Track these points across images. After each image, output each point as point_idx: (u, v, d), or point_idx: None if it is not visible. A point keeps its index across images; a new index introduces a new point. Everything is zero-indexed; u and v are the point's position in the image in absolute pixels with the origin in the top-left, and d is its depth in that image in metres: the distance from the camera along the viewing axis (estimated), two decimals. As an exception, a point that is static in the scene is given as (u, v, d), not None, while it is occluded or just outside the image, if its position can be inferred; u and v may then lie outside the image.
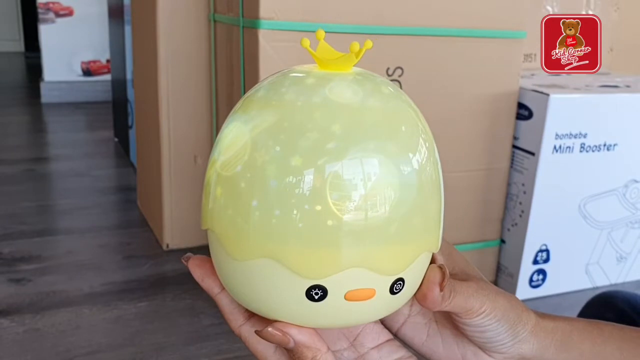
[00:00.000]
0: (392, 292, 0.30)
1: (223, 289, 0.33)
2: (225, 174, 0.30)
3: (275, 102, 0.30)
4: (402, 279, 0.30)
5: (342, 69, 0.31)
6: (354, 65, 0.31)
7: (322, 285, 0.29)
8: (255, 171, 0.28)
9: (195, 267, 0.33)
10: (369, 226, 0.28)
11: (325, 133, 0.28)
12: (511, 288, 1.24)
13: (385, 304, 0.31)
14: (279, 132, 0.29)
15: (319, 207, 0.27)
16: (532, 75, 1.34)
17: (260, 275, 0.29)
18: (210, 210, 0.31)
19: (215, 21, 1.20)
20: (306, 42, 0.30)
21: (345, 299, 0.29)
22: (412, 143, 0.30)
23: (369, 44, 0.30)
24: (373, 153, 0.28)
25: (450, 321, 0.36)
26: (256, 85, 0.32)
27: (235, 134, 0.30)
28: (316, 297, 0.29)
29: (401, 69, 1.06)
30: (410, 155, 0.29)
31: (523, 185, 1.19)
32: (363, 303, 0.30)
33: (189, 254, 0.34)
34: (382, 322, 0.37)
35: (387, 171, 0.28)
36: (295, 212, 0.28)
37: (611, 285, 1.32)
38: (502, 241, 1.27)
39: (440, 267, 0.32)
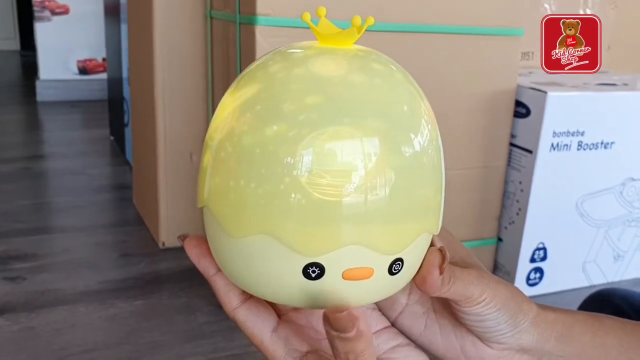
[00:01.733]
0: (390, 272, 0.30)
1: (219, 270, 0.32)
2: (212, 145, 0.30)
3: (260, 74, 0.30)
4: (401, 259, 0.30)
5: (344, 45, 0.30)
6: (355, 41, 0.31)
7: (319, 263, 0.28)
8: (235, 142, 0.28)
9: (192, 247, 0.32)
10: (357, 203, 0.27)
11: (300, 105, 0.27)
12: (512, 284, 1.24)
13: (384, 285, 0.30)
14: (256, 103, 0.28)
15: (288, 180, 0.27)
16: (530, 73, 1.34)
17: (257, 252, 0.29)
18: (205, 187, 0.30)
19: (211, 18, 1.20)
20: (307, 17, 0.30)
21: (343, 277, 0.28)
22: (402, 121, 0.29)
23: (370, 20, 0.29)
24: (349, 127, 0.27)
25: (448, 311, 0.36)
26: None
27: (222, 106, 0.30)
28: (313, 275, 0.28)
29: (398, 66, 1.06)
30: (401, 132, 0.28)
31: (520, 183, 1.19)
32: (361, 283, 0.29)
33: (185, 232, 0.33)
34: (379, 311, 0.37)
35: (361, 147, 0.27)
36: (276, 185, 0.27)
37: (608, 283, 1.32)
38: (499, 239, 1.27)
39: (441, 250, 0.32)
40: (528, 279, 1.24)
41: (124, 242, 1.42)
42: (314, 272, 0.28)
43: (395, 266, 0.30)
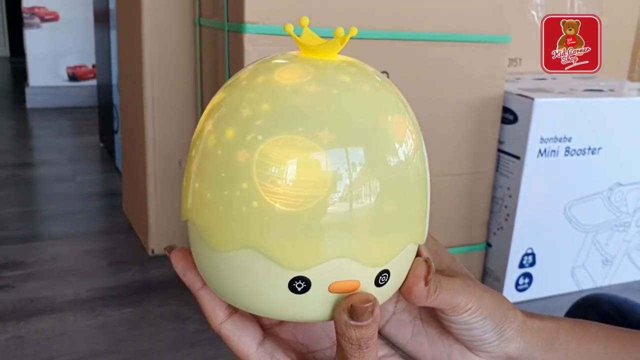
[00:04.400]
0: (377, 284, 0.30)
1: (205, 284, 0.32)
2: (189, 155, 0.30)
3: (231, 83, 0.30)
4: (387, 271, 0.30)
5: (327, 56, 0.30)
6: (339, 52, 0.31)
7: (305, 277, 0.28)
8: (200, 150, 0.29)
9: (178, 260, 0.32)
10: (338, 214, 0.27)
11: (255, 112, 0.28)
12: (497, 292, 1.25)
13: None
14: (217, 110, 0.29)
15: (245, 185, 0.27)
16: (517, 79, 1.35)
17: (242, 267, 0.29)
18: (188, 200, 0.30)
19: (200, 25, 1.20)
20: (290, 28, 0.30)
21: (330, 291, 0.28)
22: (356, 131, 0.28)
23: (354, 30, 0.29)
24: (292, 136, 0.27)
25: (435, 319, 0.36)
26: None
27: (202, 115, 0.31)
28: (299, 289, 0.28)
29: (387, 73, 1.06)
30: (358, 143, 0.28)
31: (508, 189, 1.20)
32: (348, 295, 0.29)
33: (172, 244, 0.33)
34: None
35: (318, 157, 0.27)
36: (241, 195, 0.27)
37: (597, 288, 1.33)
38: (488, 245, 1.27)
39: (426, 261, 0.32)
40: (517, 284, 1.24)
41: (113, 249, 1.41)
42: (299, 285, 0.28)
43: (381, 278, 0.30)
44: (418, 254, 0.33)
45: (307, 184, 0.27)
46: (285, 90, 0.28)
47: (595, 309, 0.63)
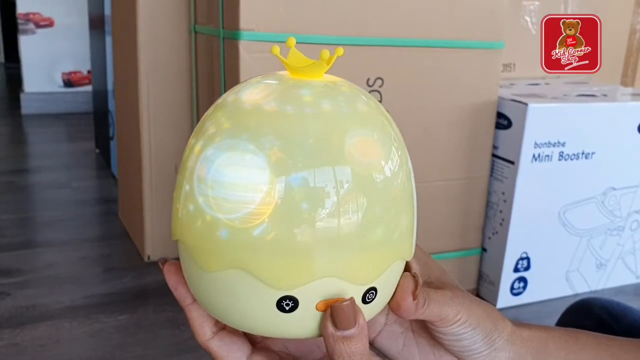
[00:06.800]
0: (364, 301, 0.30)
1: (195, 300, 0.32)
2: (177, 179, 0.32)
3: (215, 103, 0.32)
4: (374, 288, 0.30)
5: (314, 77, 0.31)
6: (325, 72, 0.31)
7: (292, 296, 0.28)
8: (181, 167, 0.31)
9: (171, 274, 0.32)
10: (323, 233, 0.28)
11: (217, 129, 0.29)
12: (492, 296, 1.25)
13: None
14: (196, 128, 0.31)
15: (201, 200, 0.29)
16: (511, 84, 1.36)
17: (231, 286, 0.29)
18: (178, 220, 0.31)
19: (195, 32, 1.20)
20: (276, 50, 0.30)
21: (317, 309, 0.29)
22: (307, 151, 0.28)
23: (340, 51, 0.30)
24: (242, 154, 0.28)
25: (426, 330, 0.36)
26: None
27: None
28: (287, 308, 0.29)
29: (381, 79, 1.06)
30: (305, 162, 0.28)
31: (503, 193, 1.20)
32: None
33: (165, 257, 0.33)
34: None
35: (262, 173, 0.28)
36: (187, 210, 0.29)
37: (591, 292, 1.33)
38: (483, 249, 1.28)
39: (414, 276, 0.32)
40: (512, 288, 1.25)
41: (109, 256, 1.41)
42: (287, 304, 0.29)
43: (368, 295, 0.30)
44: (407, 268, 0.33)
45: (253, 200, 0.27)
46: (245, 110, 0.29)
47: (588, 313, 0.64)
